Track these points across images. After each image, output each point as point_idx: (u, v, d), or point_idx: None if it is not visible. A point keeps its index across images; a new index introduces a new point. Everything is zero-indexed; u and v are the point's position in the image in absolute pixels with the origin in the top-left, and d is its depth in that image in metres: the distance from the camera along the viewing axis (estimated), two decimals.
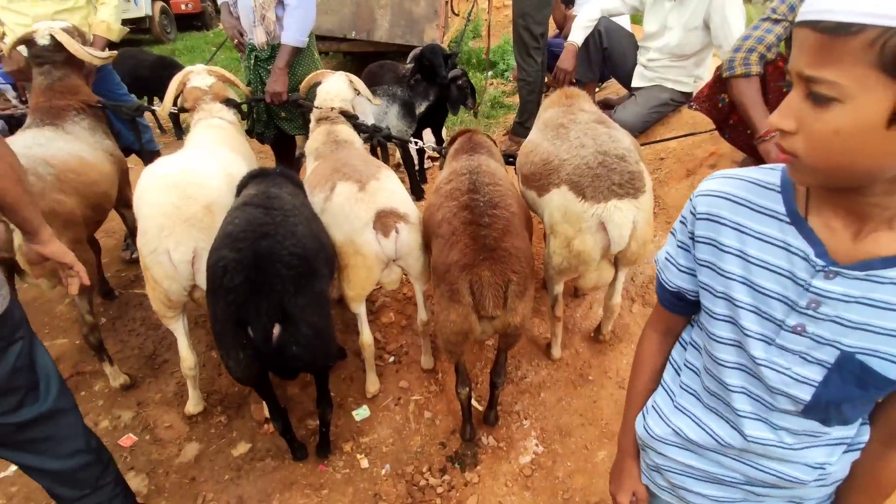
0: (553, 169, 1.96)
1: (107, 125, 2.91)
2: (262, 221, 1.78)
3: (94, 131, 2.76)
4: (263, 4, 2.84)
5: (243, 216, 1.82)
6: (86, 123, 2.74)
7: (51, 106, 2.64)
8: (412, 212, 2.24)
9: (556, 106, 2.29)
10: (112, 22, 2.94)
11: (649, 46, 3.45)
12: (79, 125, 2.69)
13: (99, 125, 2.84)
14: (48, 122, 2.57)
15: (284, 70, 2.88)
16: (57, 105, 2.66)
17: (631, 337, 2.49)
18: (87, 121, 2.75)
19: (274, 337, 1.64)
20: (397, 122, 3.96)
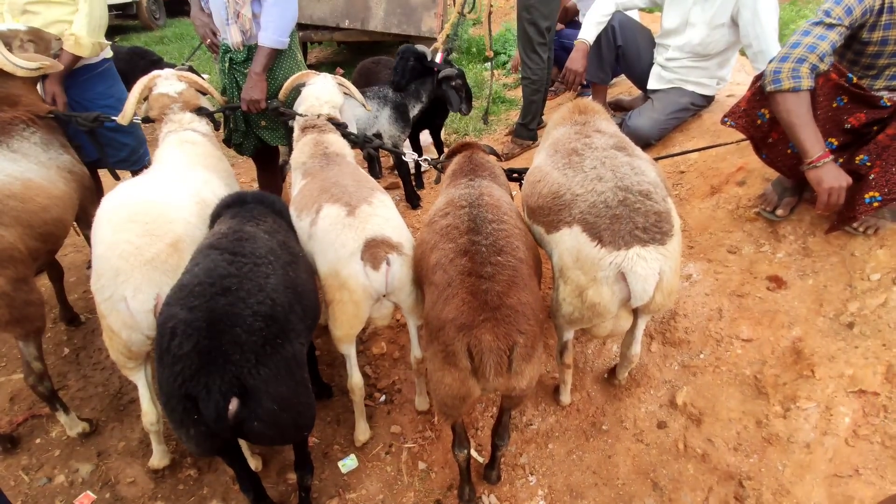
0: (564, 204, 1.67)
1: (64, 137, 2.61)
2: (225, 273, 1.50)
3: (47, 146, 2.46)
4: (238, 0, 2.52)
5: (204, 264, 1.55)
6: (37, 138, 2.44)
7: None
8: (407, 241, 1.97)
9: (567, 123, 1.99)
10: (82, 35, 2.62)
11: (668, 44, 3.12)
12: (28, 141, 2.39)
13: (54, 138, 2.54)
14: None
15: (262, 75, 2.57)
16: (2, 119, 2.36)
17: (650, 381, 2.23)
18: (38, 134, 2.45)
19: (230, 413, 1.37)
20: (389, 126, 3.65)
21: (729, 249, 2.47)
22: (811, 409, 1.88)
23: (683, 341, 2.27)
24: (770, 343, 2.10)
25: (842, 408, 1.84)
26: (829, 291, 2.11)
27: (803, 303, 2.14)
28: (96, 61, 2.88)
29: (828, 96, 1.85)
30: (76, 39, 2.62)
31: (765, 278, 2.28)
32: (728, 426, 1.98)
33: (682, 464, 1.97)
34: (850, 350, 1.94)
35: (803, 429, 1.86)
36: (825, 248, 2.21)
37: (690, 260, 2.52)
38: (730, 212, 2.58)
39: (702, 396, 2.09)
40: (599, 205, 1.58)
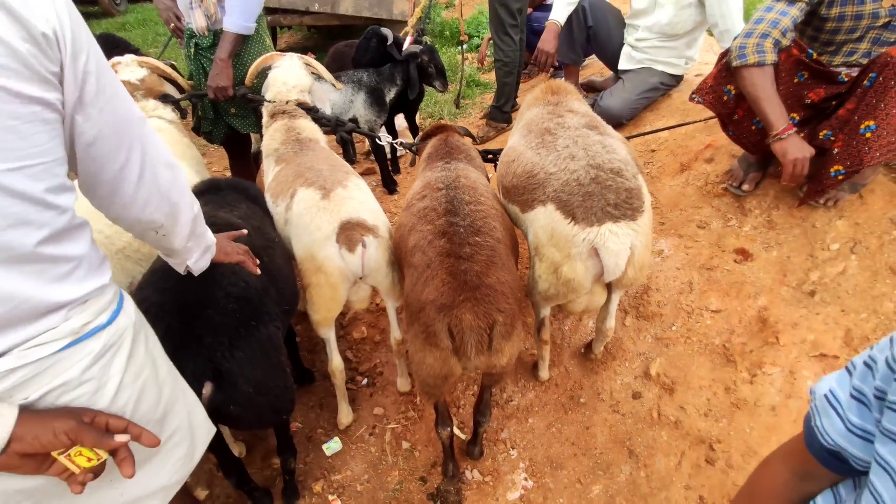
0: (538, 183, 1.70)
1: None
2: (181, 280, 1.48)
3: None
4: None
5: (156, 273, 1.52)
6: None
7: None
8: (382, 224, 1.98)
9: (540, 104, 2.01)
10: None
11: (638, 25, 3.16)
12: None
13: None
14: None
15: (228, 61, 2.52)
16: None
17: (625, 354, 2.30)
18: None
19: (204, 398, 1.38)
20: (365, 111, 3.62)
21: (698, 224, 2.54)
22: (776, 373, 1.97)
23: (656, 314, 2.35)
24: (737, 313, 2.19)
25: (805, 372, 1.94)
26: (792, 262, 2.20)
27: (768, 273, 2.23)
28: None
29: (789, 72, 1.92)
30: None
31: (732, 251, 2.36)
32: (699, 393, 2.06)
33: (657, 431, 2.05)
34: (812, 317, 2.04)
35: (769, 393, 1.95)
36: (788, 221, 2.30)
37: (662, 236, 2.59)
38: (699, 188, 2.66)
39: (674, 367, 2.17)
40: (572, 183, 1.62)
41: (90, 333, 0.90)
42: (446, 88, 3.73)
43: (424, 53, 3.51)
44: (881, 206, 2.11)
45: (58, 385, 0.86)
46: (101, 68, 0.88)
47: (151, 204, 0.99)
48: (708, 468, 1.89)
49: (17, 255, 0.79)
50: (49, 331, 0.84)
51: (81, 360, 0.88)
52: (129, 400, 0.97)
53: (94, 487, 0.96)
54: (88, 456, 0.85)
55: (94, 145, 0.88)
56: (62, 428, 0.83)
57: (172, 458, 1.13)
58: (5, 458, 0.79)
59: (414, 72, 3.51)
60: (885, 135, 1.75)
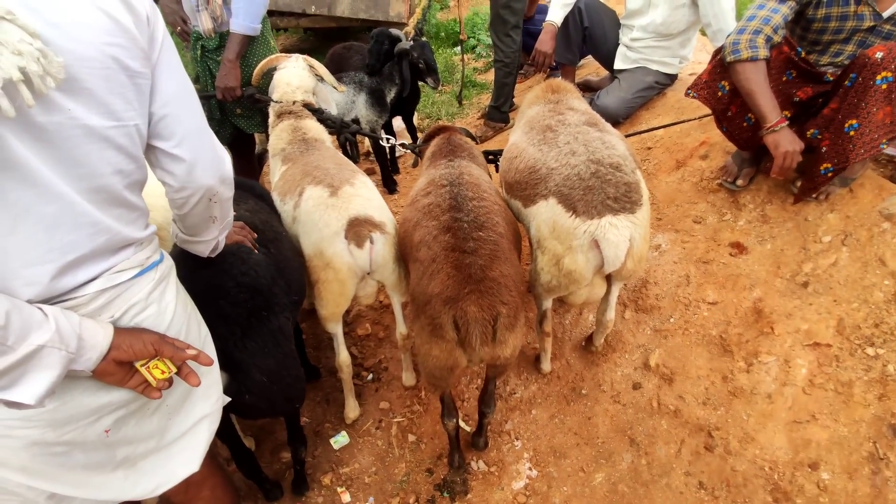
0: (540, 178, 1.76)
1: None
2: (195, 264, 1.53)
3: None
4: None
5: None
6: None
7: None
8: (389, 221, 2.03)
9: (540, 102, 2.07)
10: None
11: (632, 25, 3.22)
12: None
13: None
14: None
15: (235, 62, 2.57)
16: None
17: (625, 346, 2.36)
18: None
19: None
20: (367, 111, 3.68)
21: (694, 219, 2.61)
22: (771, 362, 2.03)
23: (655, 307, 2.41)
24: (733, 304, 2.25)
25: (799, 360, 2.00)
26: (786, 254, 2.27)
27: (763, 266, 2.29)
28: None
29: (779, 69, 1.98)
30: None
31: (728, 245, 2.43)
32: (697, 383, 2.12)
33: (657, 420, 2.11)
34: (805, 307, 2.10)
35: (765, 381, 2.01)
36: (781, 215, 2.37)
37: (659, 231, 2.66)
38: (694, 184, 2.72)
39: (673, 357, 2.23)
40: (573, 177, 1.67)
41: (151, 266, 1.09)
42: (438, 85, 3.75)
43: (415, 50, 3.55)
44: (870, 199, 2.18)
45: (132, 304, 1.04)
46: (169, 43, 1.03)
47: (212, 169, 1.13)
48: (707, 455, 1.95)
49: (112, 198, 0.97)
50: (126, 260, 1.03)
51: (146, 285, 1.07)
52: (182, 326, 1.15)
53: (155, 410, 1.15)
54: (163, 369, 1.03)
55: (168, 105, 1.02)
56: (149, 339, 1.02)
57: (211, 390, 1.29)
58: (104, 364, 0.96)
59: (406, 69, 3.55)
60: (868, 132, 1.82)
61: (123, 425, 1.08)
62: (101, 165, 0.93)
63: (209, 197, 1.16)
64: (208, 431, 1.28)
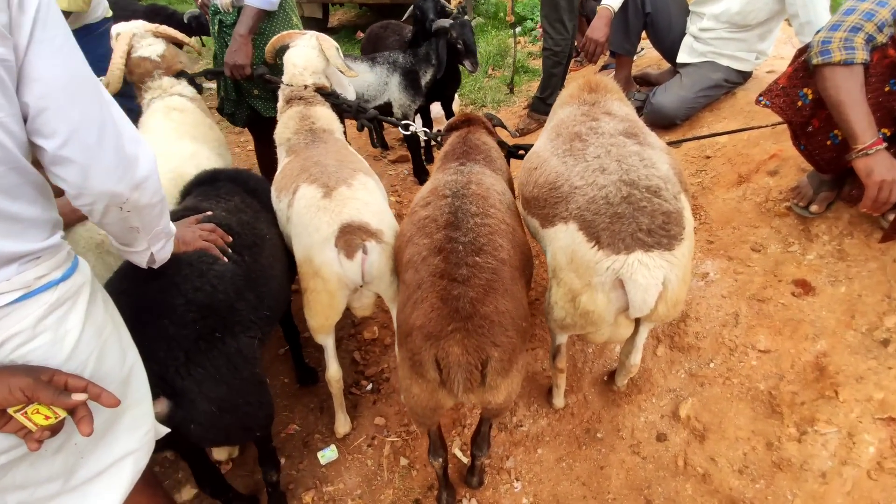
0: (561, 197, 1.47)
1: None
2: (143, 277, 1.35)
3: None
4: None
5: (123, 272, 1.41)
6: None
7: None
8: (388, 227, 1.81)
9: (574, 103, 1.76)
10: None
11: (703, 13, 2.80)
12: None
13: None
14: None
15: (247, 37, 2.39)
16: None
17: (653, 388, 2.05)
18: None
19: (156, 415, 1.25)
20: (399, 94, 3.44)
21: (753, 247, 2.23)
22: (831, 434, 1.68)
23: (693, 347, 2.07)
24: (790, 356, 1.89)
25: (867, 436, 1.64)
26: (864, 302, 1.87)
27: (832, 313, 1.91)
28: (95, 21, 2.71)
29: (881, 77, 1.57)
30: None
31: (790, 282, 2.05)
32: (734, 445, 1.80)
33: (681, 482, 1.81)
34: (883, 371, 1.72)
35: (820, 456, 1.67)
36: (863, 252, 1.96)
37: (708, 256, 2.29)
38: (757, 204, 2.33)
39: (708, 410, 1.91)
40: (600, 200, 1.38)
41: (45, 287, 0.91)
42: (476, 69, 3.43)
43: (454, 28, 3.25)
44: None
45: (13, 335, 0.87)
46: (53, 16, 0.84)
47: (115, 173, 0.93)
48: None
49: None
50: (4, 282, 0.85)
51: (35, 311, 0.89)
52: (89, 355, 0.97)
53: (57, 449, 0.98)
54: (46, 414, 0.86)
55: (44, 98, 0.83)
56: (18, 384, 0.84)
57: (139, 422, 1.12)
58: None
59: (443, 49, 3.26)
60: None
61: (12, 469, 0.93)
62: None
63: (118, 206, 0.97)
64: (133, 470, 1.11)
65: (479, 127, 2.16)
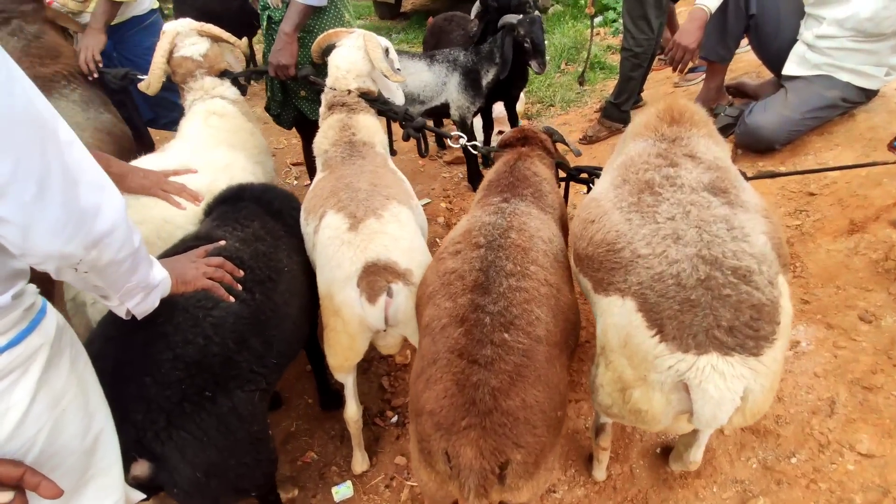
0: (620, 264, 1.19)
1: (105, 95, 2.48)
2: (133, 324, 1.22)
3: (87, 105, 2.34)
4: None
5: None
6: (77, 95, 2.32)
7: (36, 75, 2.22)
8: (419, 266, 1.60)
9: (649, 136, 1.44)
10: None
11: (823, 17, 2.33)
12: (66, 99, 2.28)
13: (95, 96, 2.41)
14: None
15: (292, 36, 2.24)
16: (42, 74, 2.25)
17: (715, 474, 1.73)
18: (78, 91, 2.34)
19: (134, 478, 1.13)
20: (458, 95, 3.20)
21: (862, 315, 1.82)
22: None
23: (771, 433, 1.73)
24: None
25: None
26: None
27: None
28: (143, 12, 2.68)
29: None
30: None
31: None
32: None
33: None
34: None
35: None
36: None
37: (801, 320, 1.91)
38: (873, 262, 1.90)
39: None
40: (668, 279, 1.09)
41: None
42: (544, 69, 3.08)
43: (522, 25, 2.94)
44: None
45: None
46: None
47: (64, 232, 0.79)
48: None
49: None
50: None
51: None
52: (40, 430, 0.85)
53: None
54: None
55: None
56: None
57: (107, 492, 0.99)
58: None
59: (509, 48, 2.96)
60: None
61: None
62: None
63: (72, 266, 0.84)
64: None
65: (535, 148, 1.90)
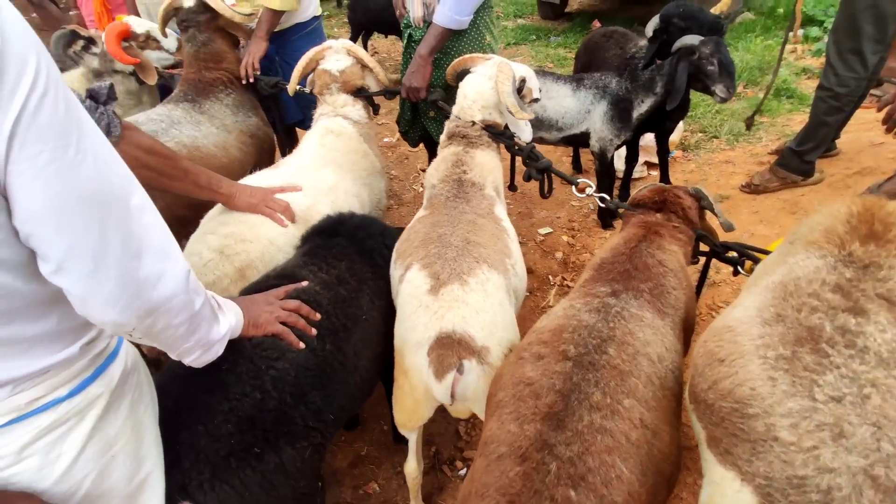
0: (748, 435, 0.88)
1: (256, 99, 2.66)
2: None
3: (237, 109, 2.52)
4: None
5: None
6: (231, 100, 2.51)
7: (199, 79, 2.46)
8: (498, 345, 1.42)
9: (827, 248, 1.05)
10: None
11: None
12: (221, 102, 2.47)
13: (247, 100, 2.60)
14: (189, 97, 2.40)
15: (427, 59, 2.15)
16: (206, 78, 2.46)
17: None
18: (233, 96, 2.52)
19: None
20: (602, 126, 2.89)
21: None
22: None
23: None
24: None
25: None
26: None
27: None
28: (306, 19, 2.80)
29: None
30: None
31: None
32: None
33: None
34: None
35: None
36: None
37: None
38: None
39: None
40: (812, 492, 0.77)
41: (40, 409, 0.81)
42: (730, 96, 2.57)
43: (706, 46, 2.49)
44: None
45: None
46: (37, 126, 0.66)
47: (119, 304, 0.78)
48: None
49: None
50: None
51: (23, 435, 0.80)
52: (87, 475, 0.87)
53: None
54: None
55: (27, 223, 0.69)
56: None
57: None
58: None
59: (682, 74, 2.52)
60: None
61: None
62: None
63: (126, 332, 0.84)
64: None
65: (672, 218, 1.58)
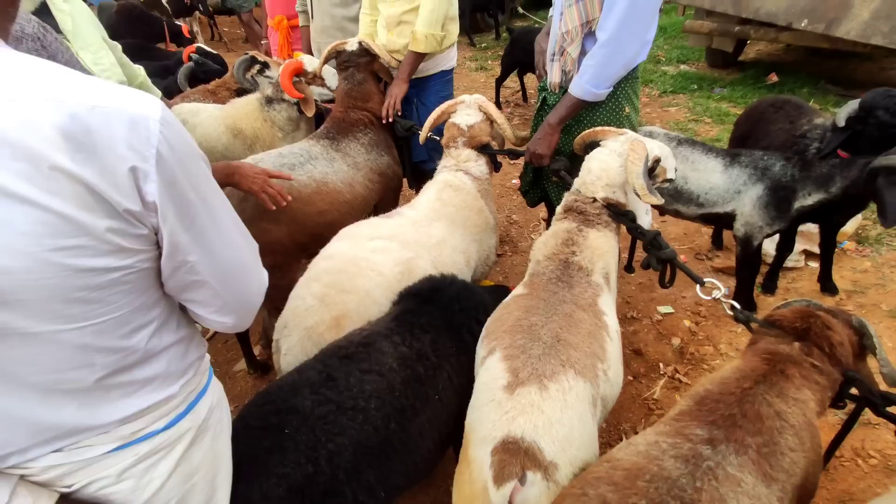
0: None
1: (391, 139, 2.81)
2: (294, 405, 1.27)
3: (371, 147, 2.66)
4: (569, 33, 2.02)
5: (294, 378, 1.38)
6: (367, 139, 2.65)
7: (345, 118, 2.64)
8: (569, 462, 1.29)
9: None
10: (421, 29, 2.52)
11: None
12: (357, 141, 2.61)
13: (382, 140, 2.73)
14: (331, 135, 2.58)
15: (556, 128, 2.07)
16: (351, 118, 2.62)
17: None
18: (370, 135, 2.67)
19: None
20: (752, 210, 2.53)
21: None
22: None
23: None
24: None
25: None
26: None
27: None
28: (448, 68, 2.89)
29: None
30: (414, 35, 2.55)
31: None
32: None
33: None
34: None
35: None
36: None
37: None
38: None
39: None
40: None
41: (140, 439, 0.91)
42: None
43: None
44: None
45: (99, 478, 0.89)
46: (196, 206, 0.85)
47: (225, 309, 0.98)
48: None
49: (76, 389, 0.83)
50: (101, 434, 0.87)
51: (124, 461, 0.90)
52: (169, 501, 0.97)
53: None
54: None
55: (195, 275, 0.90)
56: None
57: None
58: None
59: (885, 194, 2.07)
60: None
61: None
62: (51, 364, 0.80)
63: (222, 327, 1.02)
64: None
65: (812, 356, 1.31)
